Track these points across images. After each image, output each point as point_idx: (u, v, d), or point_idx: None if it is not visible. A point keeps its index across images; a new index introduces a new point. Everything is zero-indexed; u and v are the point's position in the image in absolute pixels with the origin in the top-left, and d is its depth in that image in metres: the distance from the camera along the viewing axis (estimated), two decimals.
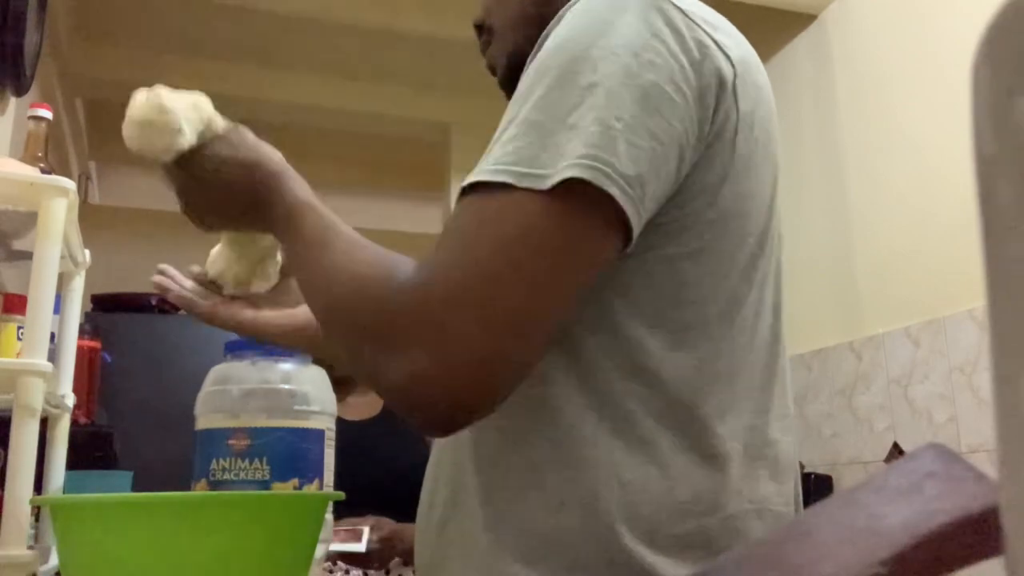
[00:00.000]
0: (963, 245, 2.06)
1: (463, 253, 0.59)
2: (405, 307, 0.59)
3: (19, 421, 1.01)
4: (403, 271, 0.62)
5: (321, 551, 0.95)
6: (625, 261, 0.64)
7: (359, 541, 1.53)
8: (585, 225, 0.59)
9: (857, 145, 2.51)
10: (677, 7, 0.67)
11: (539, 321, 0.59)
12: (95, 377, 1.63)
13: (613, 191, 0.58)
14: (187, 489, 0.91)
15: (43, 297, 1.06)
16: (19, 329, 1.22)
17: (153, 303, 3.32)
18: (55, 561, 1.12)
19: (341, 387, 1.82)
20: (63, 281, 1.32)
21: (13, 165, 1.17)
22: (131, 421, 2.57)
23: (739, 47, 0.70)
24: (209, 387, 0.95)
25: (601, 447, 0.66)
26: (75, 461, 1.32)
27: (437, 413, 0.59)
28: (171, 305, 3.57)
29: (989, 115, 0.20)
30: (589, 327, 0.67)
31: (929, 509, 0.32)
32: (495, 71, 0.90)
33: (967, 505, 0.32)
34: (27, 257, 1.14)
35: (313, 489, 0.91)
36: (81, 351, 1.42)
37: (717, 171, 0.67)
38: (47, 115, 1.33)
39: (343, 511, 1.60)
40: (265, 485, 0.88)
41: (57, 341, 1.30)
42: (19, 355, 1.14)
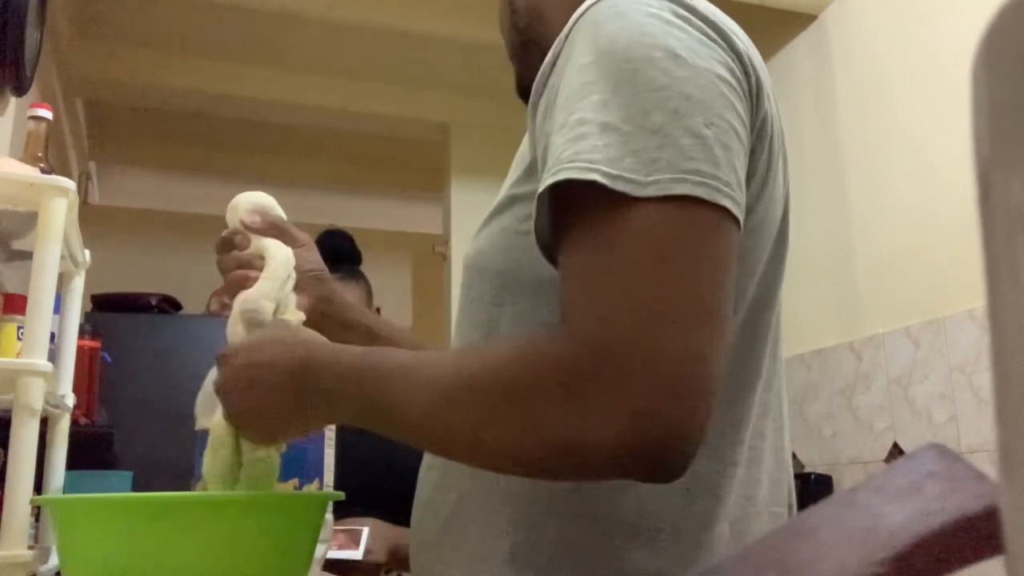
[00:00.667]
0: (963, 245, 2.06)
1: (626, 294, 0.55)
2: (586, 363, 0.54)
3: (19, 421, 1.01)
4: (547, 338, 0.58)
5: (321, 551, 0.95)
6: None
7: (356, 547, 1.52)
8: (720, 235, 0.57)
9: (857, 145, 2.50)
10: (707, 9, 0.65)
11: (714, 315, 0.56)
12: (95, 377, 1.64)
13: (725, 203, 0.56)
14: (187, 489, 0.91)
15: (43, 297, 1.06)
16: (19, 329, 1.22)
17: (153, 303, 3.32)
18: (55, 561, 1.12)
19: None
20: (63, 281, 1.32)
21: (13, 165, 1.17)
22: (131, 421, 2.57)
23: (752, 45, 0.69)
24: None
25: None
26: (75, 461, 1.32)
27: (673, 441, 0.53)
28: (171, 305, 3.55)
29: (989, 115, 0.20)
30: None
31: (929, 509, 0.32)
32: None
33: (967, 505, 0.32)
34: (27, 257, 1.14)
35: (313, 489, 0.91)
36: (81, 351, 1.42)
37: (759, 175, 0.66)
38: (47, 115, 1.33)
39: (343, 511, 1.60)
40: None
41: (57, 341, 1.30)
42: (19, 355, 1.14)
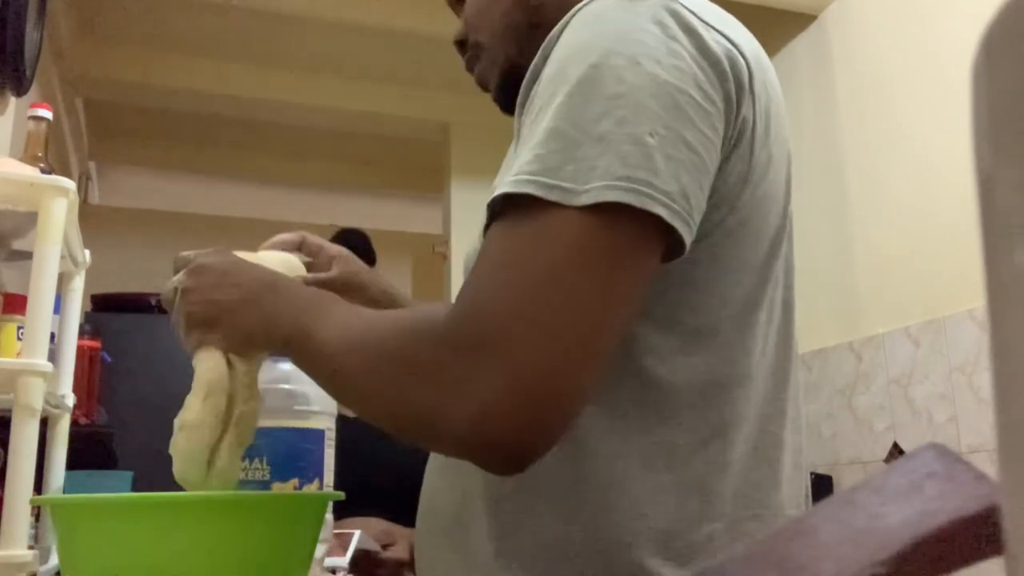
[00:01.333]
0: (963, 245, 2.06)
1: (511, 281, 0.56)
2: (460, 342, 0.56)
3: (19, 421, 1.01)
4: (441, 312, 0.59)
5: (321, 551, 0.95)
6: None
7: (344, 553, 1.52)
8: (632, 244, 0.57)
9: (857, 145, 2.51)
10: (689, 10, 0.65)
11: (597, 341, 0.56)
12: (95, 377, 1.64)
13: (659, 211, 0.56)
14: (187, 489, 0.91)
15: (43, 297, 1.06)
16: (19, 329, 1.22)
17: (153, 303, 3.32)
18: (55, 561, 1.12)
19: None
20: (63, 281, 1.32)
21: (13, 165, 1.17)
22: (131, 421, 2.57)
23: (750, 44, 0.69)
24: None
25: (611, 456, 0.65)
26: (75, 461, 1.32)
27: (513, 446, 0.55)
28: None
29: (989, 115, 0.20)
30: None
31: (929, 509, 0.32)
32: (486, 87, 0.88)
33: (967, 505, 0.32)
34: (27, 257, 1.14)
35: (313, 489, 0.91)
36: (81, 351, 1.42)
37: (737, 177, 0.66)
38: (47, 115, 1.33)
39: (343, 511, 1.60)
40: (265, 485, 0.88)
41: (57, 341, 1.30)
42: (19, 355, 1.14)
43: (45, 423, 1.17)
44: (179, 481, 0.72)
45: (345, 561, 1.49)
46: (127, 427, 2.30)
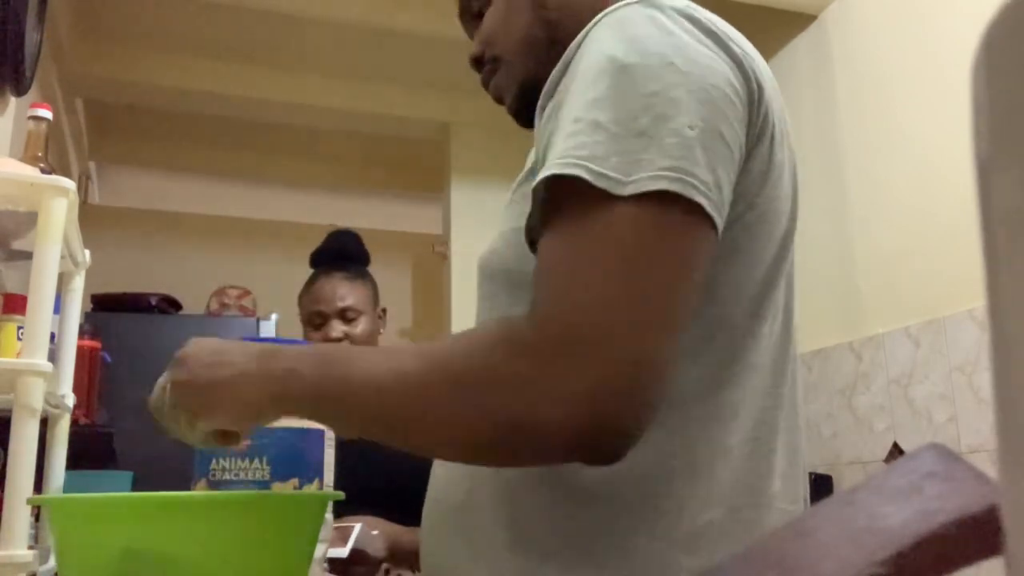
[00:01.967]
0: (963, 245, 2.06)
1: (581, 281, 0.58)
2: (545, 347, 0.57)
3: (19, 421, 1.01)
4: (511, 324, 0.60)
5: (321, 551, 0.95)
6: None
7: (343, 544, 1.52)
8: (688, 225, 0.59)
9: (857, 145, 2.50)
10: (707, 18, 0.68)
11: (673, 325, 0.58)
12: (95, 377, 1.63)
13: (701, 200, 0.59)
14: (187, 489, 0.91)
15: (43, 297, 1.06)
16: (19, 329, 1.22)
17: (153, 303, 3.32)
18: (55, 561, 1.12)
19: None
20: (63, 281, 1.32)
21: (13, 165, 1.17)
22: (131, 421, 2.57)
23: (755, 52, 0.72)
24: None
25: None
26: (75, 461, 1.32)
27: (614, 438, 0.57)
28: (171, 305, 3.54)
29: (989, 115, 0.20)
30: None
31: (929, 509, 0.32)
32: (503, 100, 0.89)
33: (967, 505, 0.32)
34: (27, 257, 1.14)
35: (313, 489, 0.91)
36: (81, 351, 1.42)
37: (758, 173, 0.68)
38: (47, 115, 1.33)
39: (343, 510, 1.60)
40: (265, 485, 0.88)
41: (57, 341, 1.30)
42: (19, 355, 1.14)
43: (45, 423, 1.17)
44: None
45: (346, 552, 1.49)
46: (127, 427, 2.30)
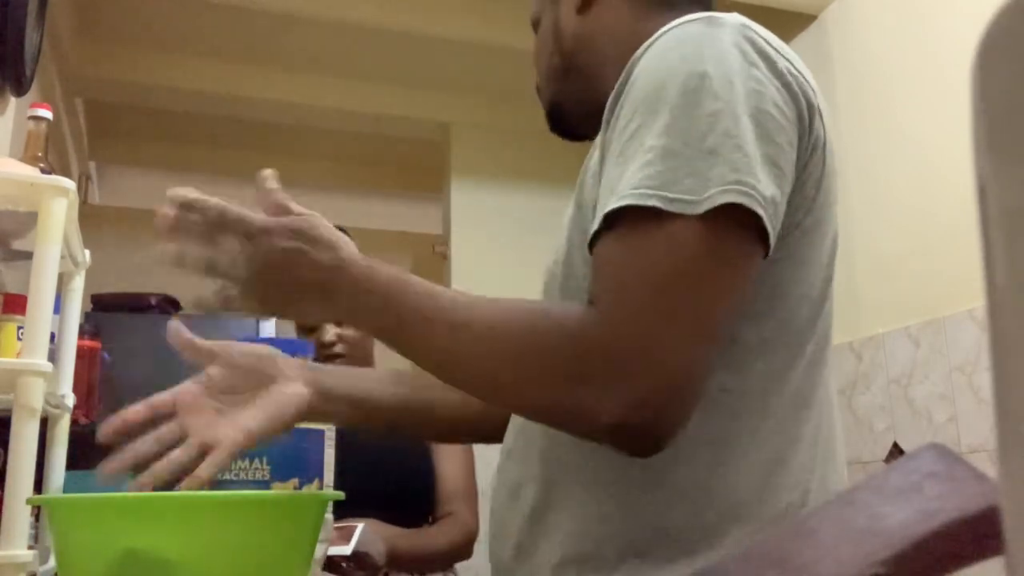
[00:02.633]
0: (963, 245, 2.06)
1: (640, 286, 0.64)
2: (613, 347, 0.64)
3: (19, 421, 1.01)
4: (571, 314, 0.68)
5: (321, 551, 0.95)
6: None
7: (347, 543, 1.51)
8: (743, 244, 0.66)
9: (857, 145, 2.50)
10: (762, 36, 0.73)
11: (719, 332, 0.66)
12: (95, 377, 1.63)
13: (760, 212, 0.64)
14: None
15: (43, 297, 1.06)
16: (19, 329, 1.22)
17: (153, 303, 3.32)
18: (55, 561, 1.12)
19: None
20: (63, 281, 1.32)
21: (13, 165, 1.17)
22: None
23: (803, 67, 0.76)
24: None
25: (706, 441, 0.72)
26: (75, 461, 1.32)
27: (658, 432, 0.65)
28: (171, 305, 3.52)
29: (988, 115, 0.20)
30: None
31: (929, 509, 0.32)
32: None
33: (967, 505, 0.32)
34: (27, 257, 1.14)
35: (313, 489, 0.91)
36: (81, 351, 1.42)
37: (813, 183, 0.74)
38: (47, 115, 1.33)
39: (343, 510, 1.59)
40: (265, 485, 0.88)
41: (57, 341, 1.30)
42: (19, 355, 1.14)
43: (45, 423, 1.17)
44: None
45: (349, 549, 1.49)
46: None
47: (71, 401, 1.30)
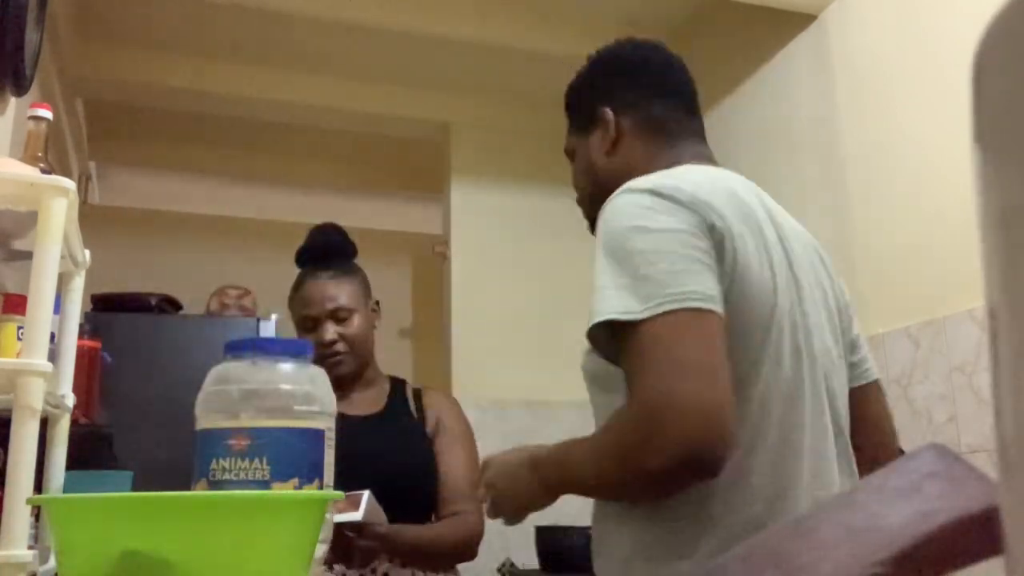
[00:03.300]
0: (963, 245, 2.06)
1: (652, 373, 0.94)
2: (643, 420, 0.94)
3: (19, 421, 1.01)
4: (622, 415, 1.00)
5: (321, 551, 0.95)
6: None
7: (357, 510, 1.51)
8: (700, 322, 0.96)
9: (857, 145, 2.50)
10: (669, 186, 1.05)
11: (722, 382, 0.94)
12: (95, 377, 1.63)
13: (695, 305, 0.96)
14: (187, 489, 0.91)
15: (43, 297, 1.06)
16: (19, 329, 1.22)
17: (153, 303, 3.32)
18: (55, 561, 1.12)
19: (343, 384, 1.82)
20: (63, 281, 1.32)
21: (13, 165, 1.17)
22: (131, 421, 2.57)
23: (710, 193, 1.06)
24: (209, 387, 0.95)
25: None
26: (75, 461, 1.32)
27: (700, 469, 0.93)
28: (171, 305, 3.53)
29: (988, 115, 0.20)
30: None
31: (929, 509, 0.32)
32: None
33: (967, 505, 0.32)
34: (27, 257, 1.14)
35: (313, 489, 0.91)
36: (81, 351, 1.42)
37: (726, 279, 1.02)
38: (47, 115, 1.33)
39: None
40: (265, 485, 0.88)
41: (57, 341, 1.30)
42: (19, 355, 1.14)
43: (45, 423, 1.17)
44: None
45: (359, 516, 1.48)
46: (127, 427, 2.30)
47: (71, 401, 1.30)
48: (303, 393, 0.93)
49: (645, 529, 1.04)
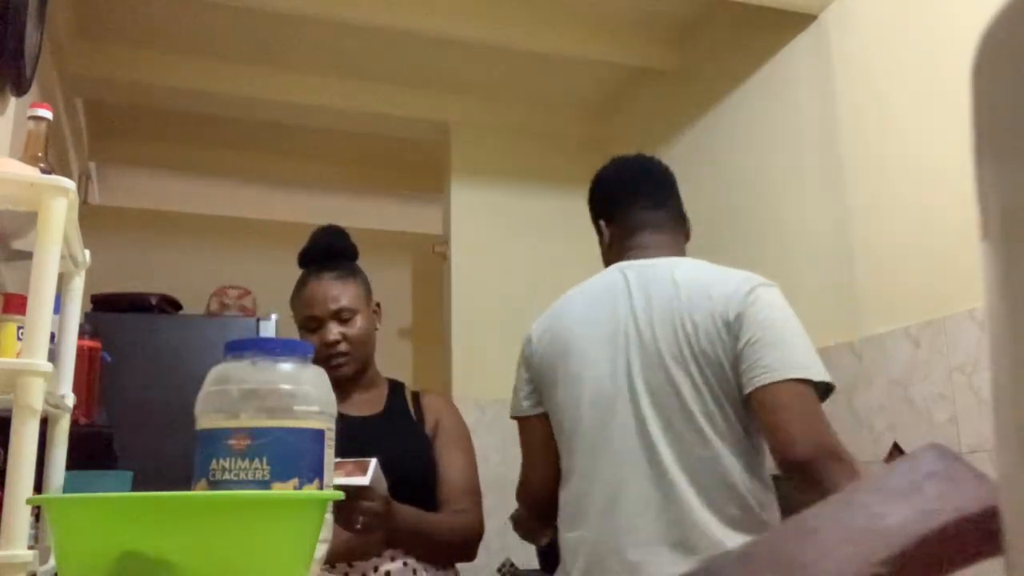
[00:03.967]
0: (963, 245, 2.06)
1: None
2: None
3: (19, 421, 1.01)
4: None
5: (321, 551, 0.95)
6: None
7: (364, 474, 1.51)
8: (523, 428, 1.74)
9: (857, 145, 2.51)
10: (532, 331, 1.73)
11: (528, 483, 1.79)
12: (95, 377, 1.63)
13: (518, 414, 1.73)
14: (187, 489, 0.91)
15: (43, 297, 1.06)
16: (19, 329, 1.22)
17: (153, 303, 3.32)
18: (55, 561, 1.12)
19: (344, 385, 1.82)
20: (63, 281, 1.32)
21: (13, 165, 1.17)
22: (131, 421, 2.57)
23: (540, 331, 1.69)
24: (209, 387, 0.95)
25: None
26: (75, 461, 1.32)
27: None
28: (171, 305, 3.53)
29: (988, 115, 0.20)
30: None
31: (929, 509, 0.32)
32: None
33: (967, 505, 0.32)
34: (27, 257, 1.14)
35: (313, 489, 0.91)
36: (81, 351, 1.42)
37: (537, 395, 1.66)
38: (47, 115, 1.33)
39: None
40: (265, 485, 0.88)
41: (57, 341, 1.30)
42: (19, 355, 1.14)
43: (45, 423, 1.17)
44: None
45: (367, 480, 1.49)
46: (127, 427, 2.30)
47: (71, 401, 1.31)
48: (303, 393, 0.93)
49: None
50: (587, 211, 1.78)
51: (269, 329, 3.35)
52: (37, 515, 1.23)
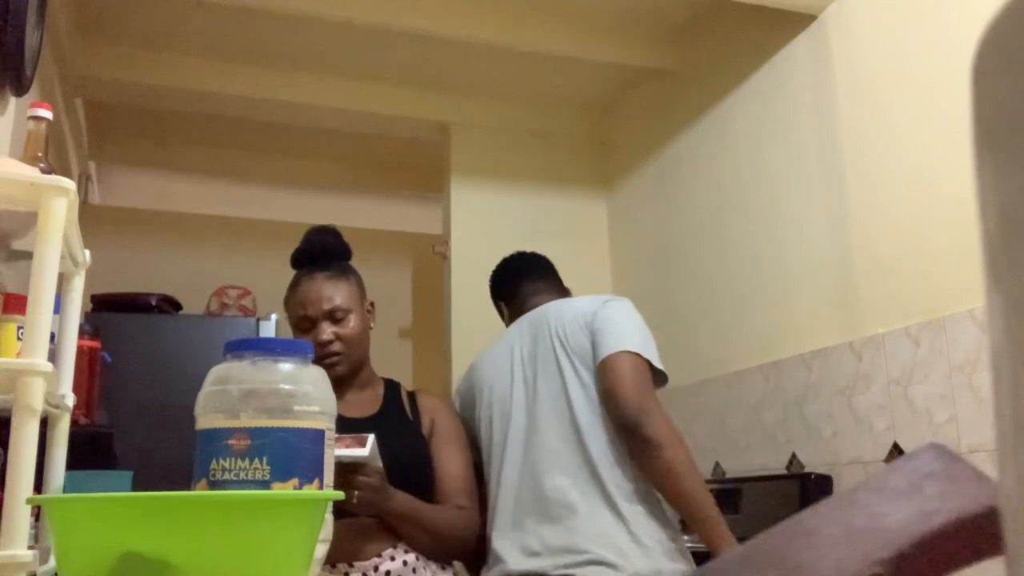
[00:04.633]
0: (963, 245, 2.06)
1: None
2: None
3: (19, 421, 1.01)
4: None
5: (321, 551, 0.95)
6: None
7: (363, 447, 1.52)
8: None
9: (856, 145, 2.51)
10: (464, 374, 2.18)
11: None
12: (95, 377, 1.64)
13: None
14: (187, 489, 0.91)
15: (43, 297, 1.06)
16: (19, 329, 1.22)
17: (153, 303, 3.32)
18: (55, 561, 1.12)
19: (339, 385, 1.82)
20: (63, 281, 1.32)
21: (13, 165, 1.17)
22: (131, 421, 2.57)
23: (475, 375, 2.08)
24: (209, 387, 0.95)
25: None
26: (75, 461, 1.32)
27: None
28: (171, 305, 3.54)
29: (988, 115, 0.20)
30: None
31: (929, 509, 0.32)
32: None
33: (967, 505, 0.32)
34: (27, 257, 1.14)
35: (313, 489, 0.91)
36: (81, 351, 1.42)
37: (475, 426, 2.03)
38: (47, 115, 1.33)
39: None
40: (265, 485, 0.88)
41: (57, 341, 1.30)
42: (19, 355, 1.14)
43: (45, 423, 1.18)
44: None
45: (366, 452, 1.51)
46: (127, 427, 2.31)
47: (71, 401, 1.31)
48: (303, 393, 0.93)
49: None
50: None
51: (269, 329, 3.35)
52: (37, 515, 1.23)
